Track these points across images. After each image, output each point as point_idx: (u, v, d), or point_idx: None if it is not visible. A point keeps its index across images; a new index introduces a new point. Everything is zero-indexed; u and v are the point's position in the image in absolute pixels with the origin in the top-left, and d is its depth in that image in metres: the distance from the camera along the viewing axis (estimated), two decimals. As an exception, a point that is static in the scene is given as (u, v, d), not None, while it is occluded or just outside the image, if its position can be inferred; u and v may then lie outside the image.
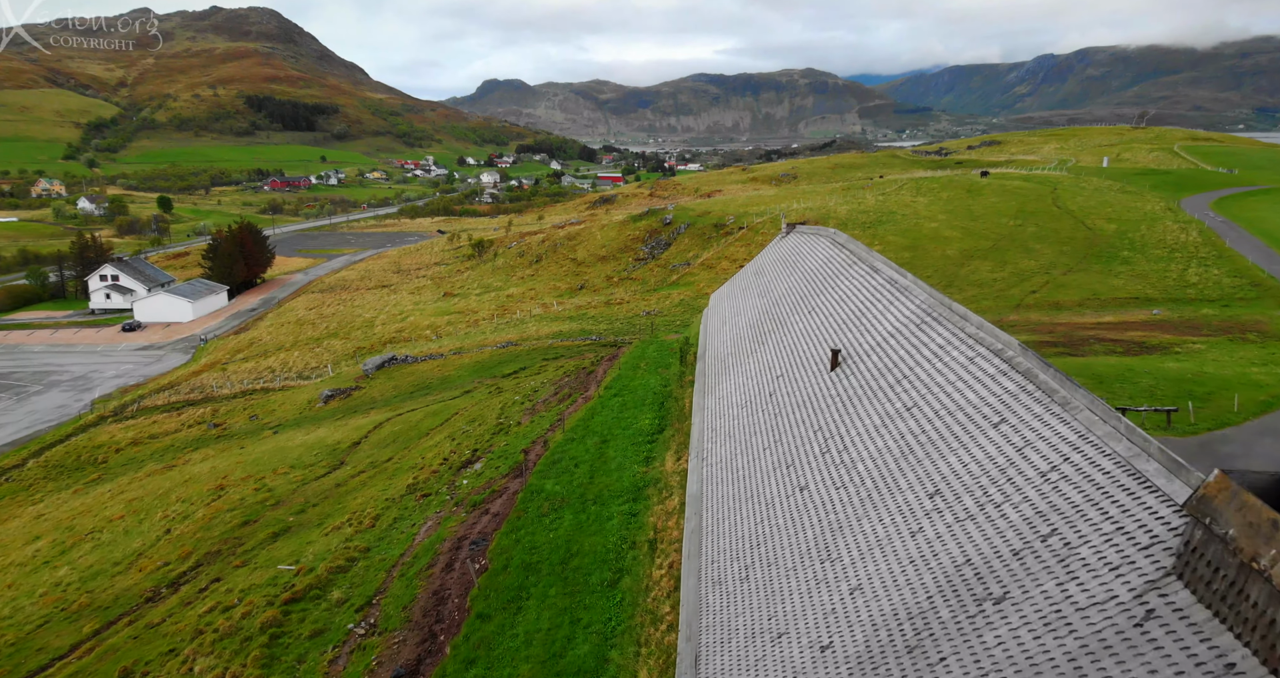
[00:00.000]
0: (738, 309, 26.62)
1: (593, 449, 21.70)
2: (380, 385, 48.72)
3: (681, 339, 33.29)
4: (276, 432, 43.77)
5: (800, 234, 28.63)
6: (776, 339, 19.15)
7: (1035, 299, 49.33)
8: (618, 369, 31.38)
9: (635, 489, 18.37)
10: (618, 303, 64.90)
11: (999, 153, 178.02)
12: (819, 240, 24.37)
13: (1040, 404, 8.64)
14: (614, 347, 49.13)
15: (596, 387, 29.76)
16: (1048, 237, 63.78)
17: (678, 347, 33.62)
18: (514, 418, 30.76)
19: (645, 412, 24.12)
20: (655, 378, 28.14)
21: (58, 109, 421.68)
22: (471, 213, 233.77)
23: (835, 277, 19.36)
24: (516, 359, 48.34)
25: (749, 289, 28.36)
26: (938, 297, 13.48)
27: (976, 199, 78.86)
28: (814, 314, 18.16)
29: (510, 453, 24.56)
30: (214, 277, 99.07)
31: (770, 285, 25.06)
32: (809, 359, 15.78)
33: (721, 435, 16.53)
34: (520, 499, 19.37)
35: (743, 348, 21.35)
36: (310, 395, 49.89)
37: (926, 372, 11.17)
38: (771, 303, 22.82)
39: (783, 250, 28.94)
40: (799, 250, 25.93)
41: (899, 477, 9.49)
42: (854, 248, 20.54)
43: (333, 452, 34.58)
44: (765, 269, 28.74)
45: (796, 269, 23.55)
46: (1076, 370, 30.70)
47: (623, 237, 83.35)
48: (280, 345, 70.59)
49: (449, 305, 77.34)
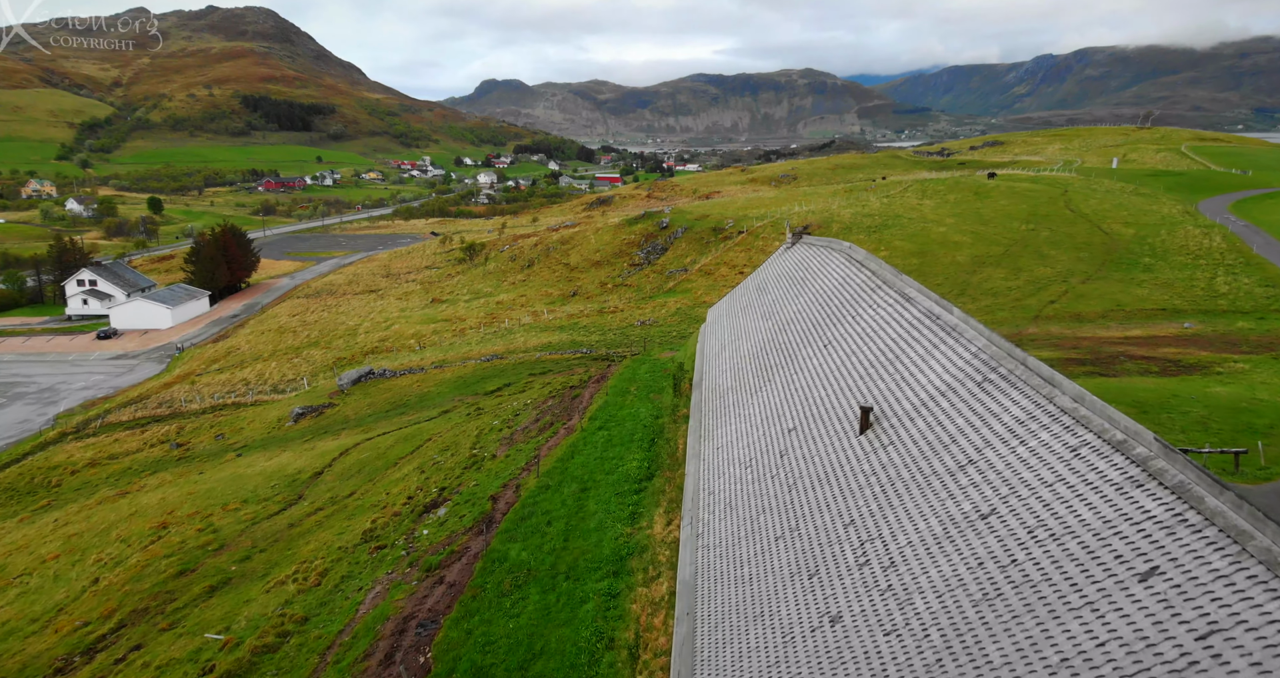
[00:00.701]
0: (738, 331, 23.50)
1: (570, 501, 18.55)
2: (355, 402, 45.55)
3: (676, 363, 30.16)
4: (240, 454, 40.60)
5: (808, 245, 25.50)
6: (785, 377, 16.03)
7: (1054, 310, 46.25)
8: (605, 394, 28.25)
9: (617, 559, 15.23)
10: (611, 311, 61.77)
11: (1002, 153, 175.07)
12: (832, 255, 21.25)
13: (1212, 546, 5.55)
14: (605, 361, 46.04)
15: (580, 416, 26.61)
16: (1062, 242, 60.70)
17: (672, 368, 30.49)
18: (489, 449, 27.62)
19: (633, 451, 20.98)
20: (646, 407, 25.01)
21: (51, 109, 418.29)
22: (467, 214, 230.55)
23: (854, 303, 16.23)
24: (501, 374, 45.20)
25: (750, 308, 25.25)
26: (1000, 343, 10.36)
27: (985, 202, 75.78)
28: (831, 350, 15.04)
29: (478, 498, 21.41)
30: (196, 281, 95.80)
31: (776, 306, 21.94)
32: (829, 413, 12.67)
33: (720, 503, 13.42)
34: (480, 569, 16.23)
35: (745, 382, 18.23)
36: (281, 413, 46.71)
37: (1004, 459, 8.07)
38: (777, 328, 19.69)
39: (788, 264, 25.82)
40: (808, 265, 22.81)
41: (986, 641, 6.36)
42: (875, 267, 17.42)
43: (292, 483, 31.41)
44: (769, 285, 25.64)
45: (806, 289, 20.42)
46: (1113, 396, 27.60)
47: (618, 241, 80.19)
48: (258, 355, 67.39)
49: (436, 312, 74.15)
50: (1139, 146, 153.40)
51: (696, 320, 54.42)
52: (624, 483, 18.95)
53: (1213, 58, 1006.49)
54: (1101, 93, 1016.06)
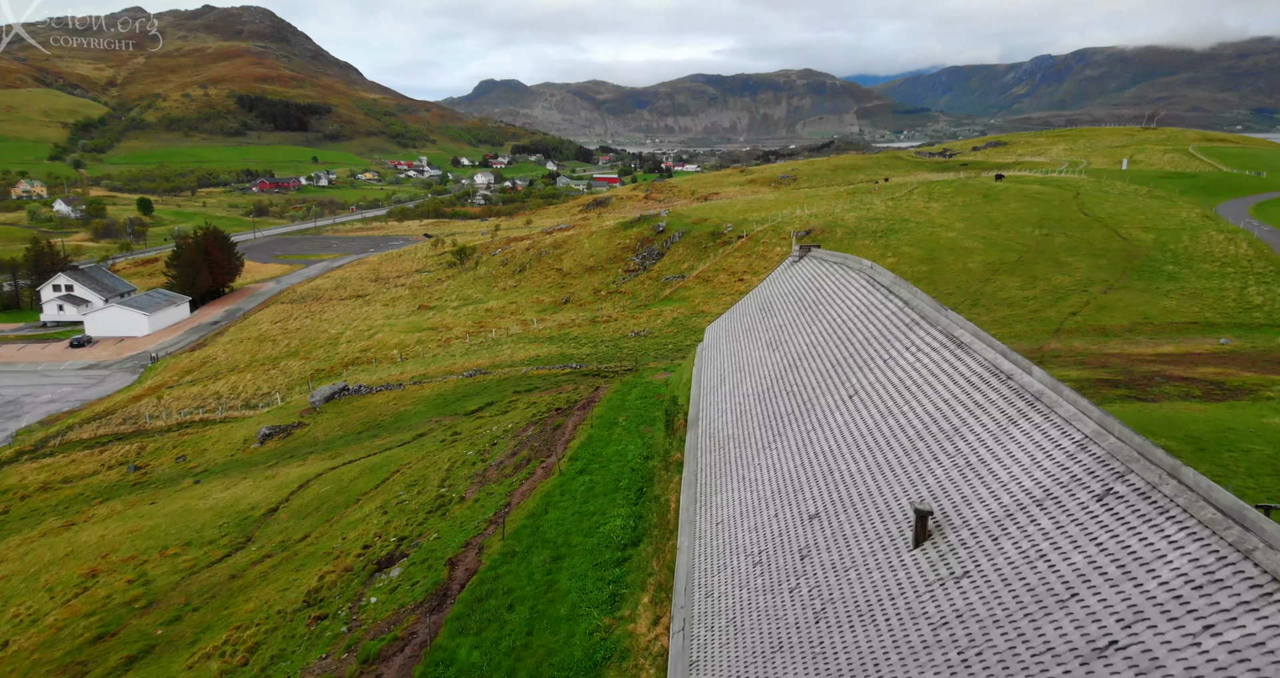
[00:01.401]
0: (740, 360, 20.39)
1: (539, 574, 15.43)
2: (326, 422, 42.40)
3: (670, 389, 27.05)
4: (199, 480, 37.45)
5: (819, 260, 22.40)
6: (801, 433, 12.94)
7: (1076, 322, 43.21)
8: (590, 425, 25.13)
9: (590, 665, 12.14)
10: (604, 321, 58.67)
11: (1005, 154, 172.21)
12: (850, 276, 18.15)
13: None
14: (596, 376, 42.97)
15: (561, 451, 23.50)
16: (1079, 248, 57.68)
17: (665, 394, 27.40)
18: (458, 488, 24.52)
19: (617, 504, 17.89)
20: (634, 444, 21.92)
21: (45, 109, 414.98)
22: (462, 215, 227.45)
23: (885, 341, 13.14)
24: (483, 392, 42.09)
25: (753, 331, 22.14)
26: (1125, 434, 7.23)
27: (995, 205, 72.77)
28: (860, 403, 11.95)
29: (436, 560, 18.29)
30: (176, 286, 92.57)
31: (784, 333, 18.83)
32: (865, 499, 9.59)
33: (721, 616, 10.33)
34: (420, 671, 13.12)
35: (749, 432, 15.12)
36: (249, 433, 43.55)
37: (1177, 654, 4.98)
38: (788, 364, 16.59)
39: (796, 281, 22.72)
40: (820, 286, 19.71)
41: None
42: (907, 295, 14.33)
43: (243, 521, 28.27)
44: (774, 305, 22.54)
45: (821, 316, 17.31)
46: (1159, 426, 24.53)
47: (612, 245, 77.05)
48: (234, 366, 64.20)
49: (422, 320, 71.00)
50: (1145, 147, 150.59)
51: (693, 332, 51.37)
52: (605, 549, 15.84)
53: (1211, 58, 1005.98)
54: (1100, 93, 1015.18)
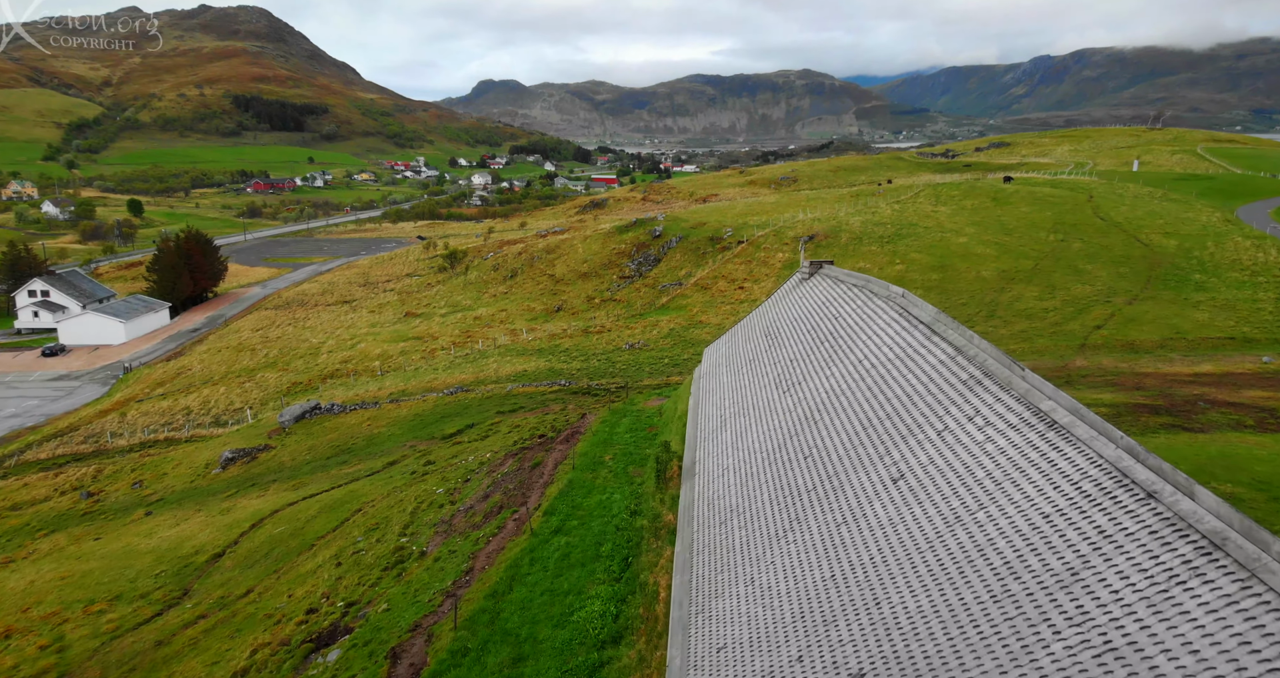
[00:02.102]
0: (743, 401, 17.33)
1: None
2: (295, 445, 39.31)
3: (663, 423, 23.98)
4: (151, 512, 34.36)
5: (834, 281, 19.37)
6: (827, 528, 9.88)
7: (1102, 337, 40.21)
8: (572, 464, 22.07)
9: None
10: (597, 331, 55.60)
11: (1009, 155, 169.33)
12: (876, 305, 15.11)
13: None
14: (586, 394, 39.93)
15: (538, 496, 20.44)
16: (1098, 255, 54.69)
17: (659, 425, 24.37)
18: (420, 539, 21.47)
19: (596, 579, 14.84)
20: (620, 494, 18.87)
21: (39, 109, 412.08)
22: (458, 216, 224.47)
23: (939, 404, 10.09)
24: (464, 412, 39.02)
25: (758, 362, 19.10)
26: None
27: (1005, 208, 69.79)
28: (915, 499, 8.89)
29: (379, 646, 15.22)
30: (156, 292, 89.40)
31: (796, 371, 15.78)
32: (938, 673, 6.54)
33: None
34: None
35: (758, 511, 12.06)
36: (212, 455, 40.45)
37: None
38: (804, 414, 13.53)
39: (807, 303, 19.69)
40: (839, 314, 16.66)
41: None
42: (958, 338, 11.31)
43: (183, 569, 25.19)
44: (782, 331, 19.50)
45: (843, 355, 14.26)
46: (1218, 467, 21.52)
47: (607, 250, 73.98)
48: (209, 377, 61.09)
49: (408, 328, 67.91)
50: (1152, 148, 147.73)
51: (691, 344, 48.33)
52: (578, 646, 12.78)
53: (1210, 59, 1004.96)
54: (1099, 94, 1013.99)
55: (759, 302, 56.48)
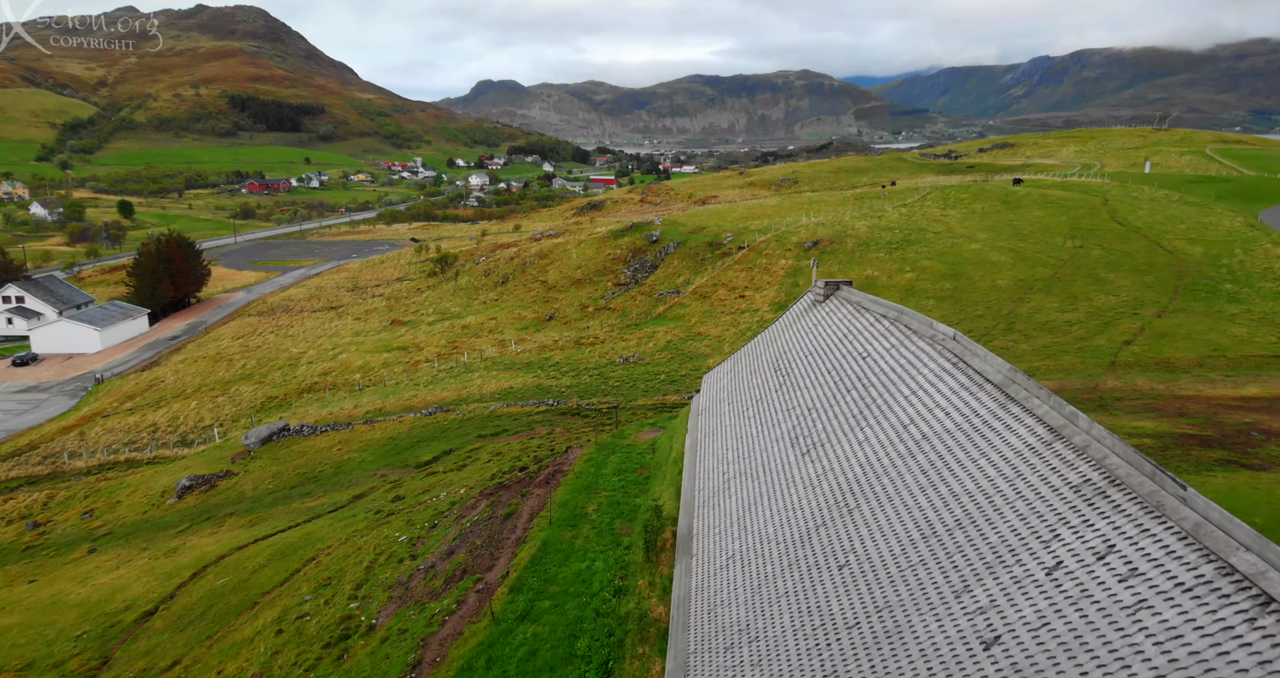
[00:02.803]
0: (751, 458, 14.29)
1: None
2: (258, 471, 36.22)
3: (656, 460, 20.89)
4: (95, 549, 31.31)
5: (857, 308, 16.34)
6: (878, 656, 6.88)
7: (1134, 354, 37.20)
8: (549, 517, 19.01)
9: None
10: (590, 343, 52.54)
11: (1013, 156, 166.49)
12: (917, 348, 12.07)
13: None
14: (575, 416, 36.93)
15: (506, 563, 17.39)
16: (1120, 263, 51.71)
17: (650, 465, 21.33)
18: (372, 605, 18.41)
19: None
20: (603, 561, 15.85)
21: (33, 109, 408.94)
22: (453, 218, 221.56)
23: (1040, 517, 7.06)
24: (442, 436, 35.98)
25: (767, 404, 16.08)
26: None
27: (1017, 213, 66.82)
28: (995, 638, 5.87)
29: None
30: (135, 298, 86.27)
31: (816, 426, 12.75)
32: None
33: None
34: None
35: (778, 641, 9.02)
36: (170, 482, 37.36)
37: None
38: (833, 494, 10.51)
39: (824, 334, 16.65)
40: (867, 352, 13.62)
41: None
42: (1051, 414, 8.28)
43: (108, 630, 22.12)
44: (794, 367, 16.46)
45: (881, 415, 11.21)
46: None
47: (602, 256, 70.92)
48: (181, 391, 58.00)
49: (393, 338, 64.85)
50: (1160, 149, 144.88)
51: (689, 358, 45.30)
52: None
53: (1210, 59, 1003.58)
54: (1098, 94, 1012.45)
55: (760, 311, 53.49)
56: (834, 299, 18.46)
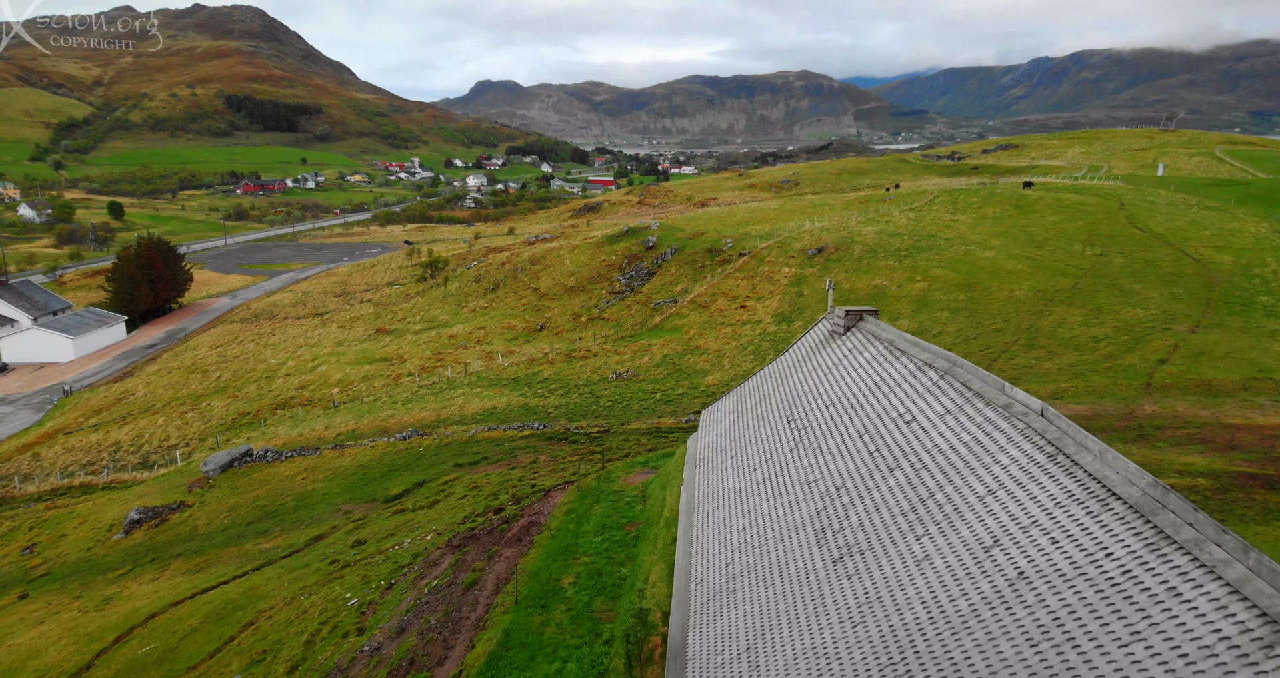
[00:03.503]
0: (763, 551, 11.24)
1: None
2: (215, 503, 33.13)
3: (644, 537, 17.79)
4: (27, 594, 28.20)
5: (889, 350, 13.31)
6: None
7: (1170, 375, 34.18)
8: (517, 590, 15.96)
9: None
10: (582, 356, 49.46)
11: (1017, 157, 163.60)
12: (988, 420, 9.01)
13: None
14: (562, 441, 33.89)
15: (460, 658, 14.32)
16: (1144, 272, 48.70)
17: (639, 519, 18.27)
18: (305, 700, 15.33)
19: None
20: (575, 667, 12.81)
21: (28, 109, 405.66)
22: (449, 220, 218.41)
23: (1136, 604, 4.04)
24: (416, 464, 32.91)
25: (779, 464, 13.03)
26: None
27: (1031, 218, 63.84)
28: None
29: None
30: (113, 304, 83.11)
31: (852, 521, 9.71)
32: None
33: None
34: None
35: None
36: (120, 513, 34.26)
37: None
38: (886, 637, 7.47)
39: (849, 380, 13.60)
40: (913, 414, 10.57)
41: None
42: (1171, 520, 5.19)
43: (9, 712, 19.06)
44: (815, 422, 13.41)
45: (944, 511, 8.16)
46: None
47: (596, 262, 67.83)
48: (150, 405, 54.88)
49: (376, 348, 61.76)
50: (1168, 151, 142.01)
51: (687, 375, 42.22)
52: None
53: (1209, 61, 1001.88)
54: (1098, 95, 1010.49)
55: (763, 323, 50.43)
56: (857, 332, 15.41)
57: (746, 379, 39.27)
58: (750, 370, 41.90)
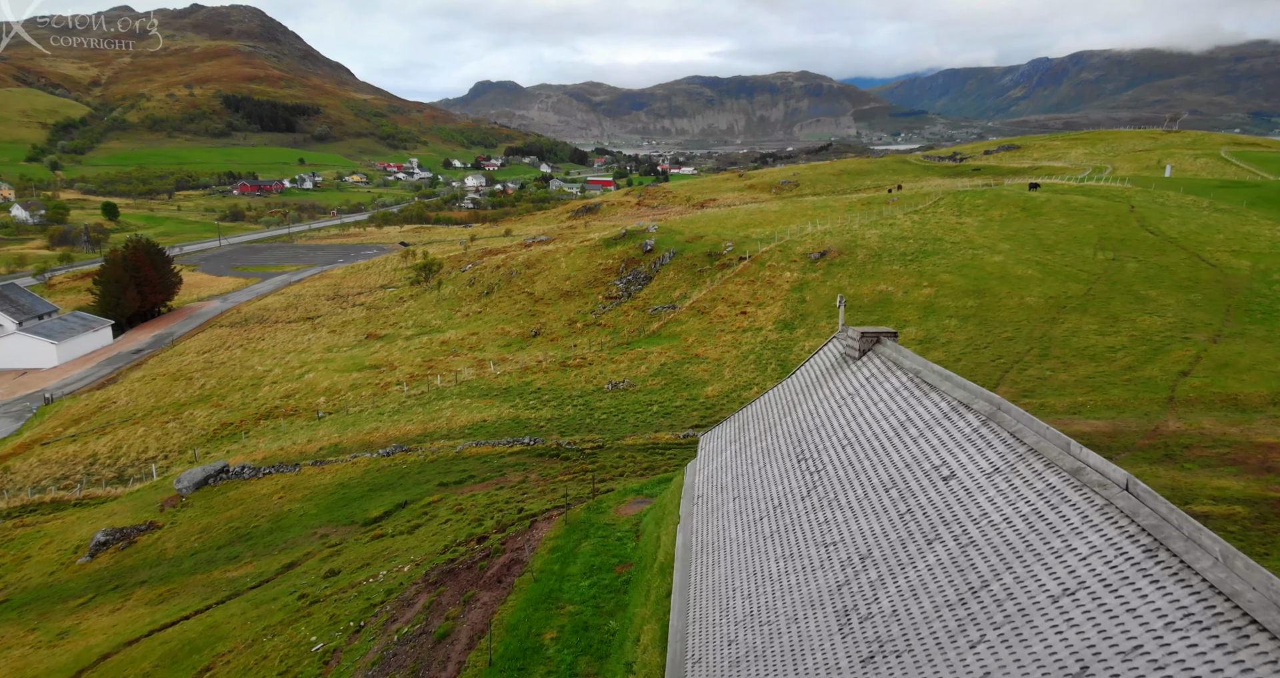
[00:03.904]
0: (774, 636, 9.52)
1: None
2: (186, 523, 31.39)
3: (635, 582, 16.06)
4: (-19, 625, 26.45)
5: (914, 382, 11.63)
6: None
7: (1193, 388, 32.48)
8: (489, 656, 14.26)
9: None
10: (577, 365, 47.74)
11: (1020, 158, 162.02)
12: (1047, 482, 7.27)
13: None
14: (554, 458, 32.20)
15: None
16: (1159, 277, 47.00)
17: (631, 558, 16.56)
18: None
19: None
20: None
21: (24, 109, 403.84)
22: (447, 220, 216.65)
23: None
24: (399, 482, 31.18)
25: (790, 514, 11.36)
26: None
27: (1039, 221, 62.16)
28: None
29: None
30: (100, 308, 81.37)
31: (884, 604, 7.98)
32: None
33: None
34: None
35: None
36: (88, 533, 32.52)
37: None
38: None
39: (868, 416, 11.92)
40: (949, 463, 8.82)
41: None
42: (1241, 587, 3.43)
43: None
44: (830, 466, 11.75)
45: (1000, 612, 6.44)
46: None
47: (592, 267, 66.07)
48: (131, 414, 53.14)
49: (366, 354, 60.02)
50: (1173, 152, 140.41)
51: (685, 385, 40.51)
52: None
53: (1209, 61, 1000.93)
54: (1097, 96, 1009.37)
55: (764, 330, 48.70)
56: (875, 358, 13.71)
57: (748, 392, 37.52)
58: (751, 381, 40.21)
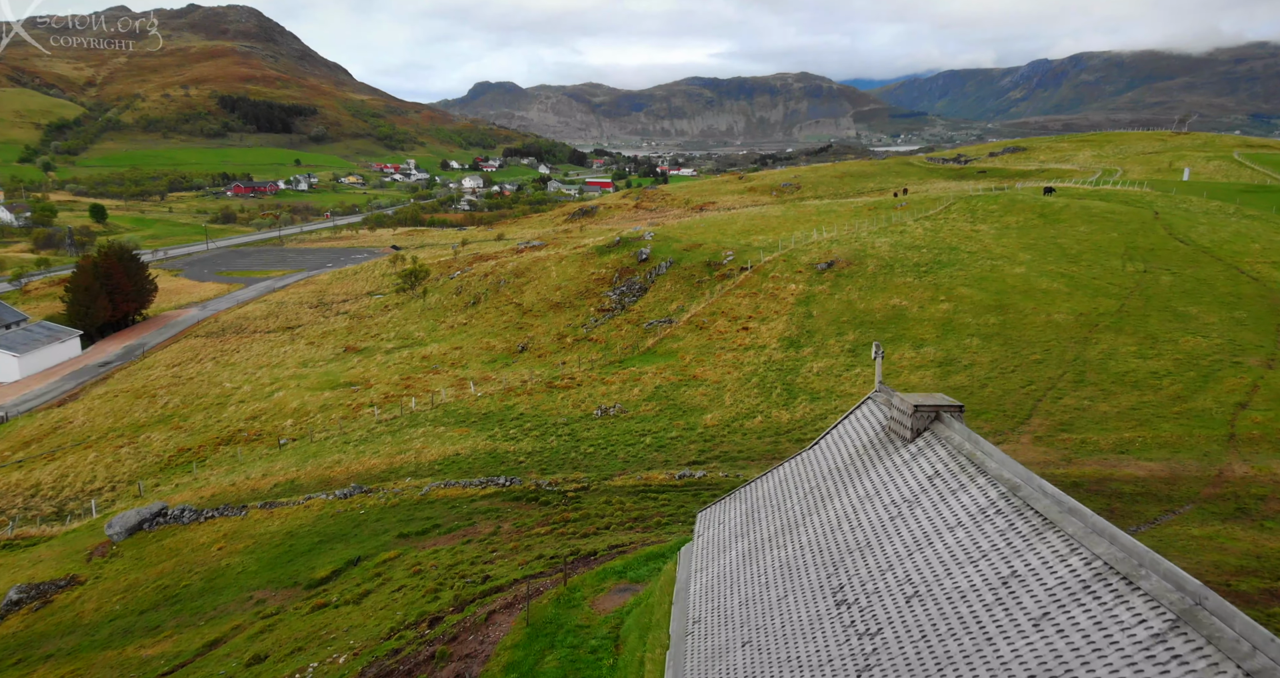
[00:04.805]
0: None
1: None
2: (112, 578, 27.54)
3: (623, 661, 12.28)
4: None
5: (999, 495, 7.75)
6: None
7: (1254, 423, 28.74)
8: None
9: None
10: (564, 385, 43.91)
11: (1026, 160, 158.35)
12: None
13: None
14: (531, 502, 28.39)
15: None
16: (1198, 292, 43.26)
17: None
18: None
19: None
20: None
21: (18, 109, 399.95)
22: (441, 223, 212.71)
23: None
24: (354, 533, 27.35)
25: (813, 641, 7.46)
26: None
27: (1059, 228, 58.44)
28: None
29: None
30: (69, 317, 77.52)
31: None
32: None
33: None
34: None
35: None
36: (5, 586, 28.66)
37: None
38: None
39: (939, 544, 8.00)
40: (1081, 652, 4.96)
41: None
42: None
43: None
44: (894, 628, 7.85)
45: None
46: None
47: (584, 276, 62.28)
48: (85, 436, 49.29)
49: (342, 371, 56.20)
50: (1184, 154, 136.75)
51: (682, 412, 36.67)
52: None
53: (1208, 63, 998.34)
54: (1097, 98, 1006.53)
55: (768, 349, 44.87)
56: (935, 445, 9.95)
57: (751, 421, 33.61)
58: (754, 408, 36.42)
